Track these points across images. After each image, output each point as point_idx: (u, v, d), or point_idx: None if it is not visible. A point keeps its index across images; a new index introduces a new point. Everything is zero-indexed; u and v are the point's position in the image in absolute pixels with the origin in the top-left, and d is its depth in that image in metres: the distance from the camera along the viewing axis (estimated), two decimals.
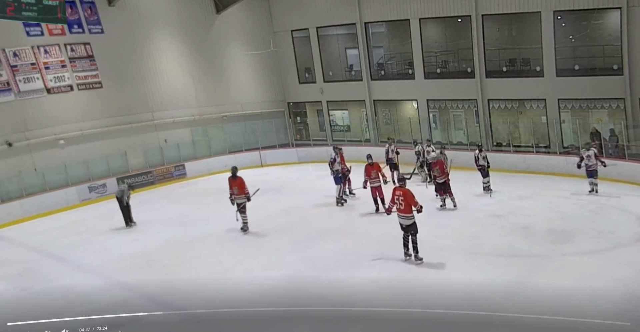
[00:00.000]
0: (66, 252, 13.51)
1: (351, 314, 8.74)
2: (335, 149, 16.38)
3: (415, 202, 10.36)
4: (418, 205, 10.39)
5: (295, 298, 9.43)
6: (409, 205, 10.36)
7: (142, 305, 9.70)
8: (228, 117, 23.89)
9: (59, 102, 19.39)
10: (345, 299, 9.21)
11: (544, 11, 18.38)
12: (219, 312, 9.14)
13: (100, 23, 20.28)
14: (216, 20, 23.69)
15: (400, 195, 10.41)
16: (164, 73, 22.33)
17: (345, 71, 24.63)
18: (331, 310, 8.88)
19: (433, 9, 20.85)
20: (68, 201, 18.56)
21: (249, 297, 9.47)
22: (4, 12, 13.78)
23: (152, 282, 10.78)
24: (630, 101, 17.46)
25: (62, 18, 15.17)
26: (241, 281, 10.28)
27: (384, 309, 8.68)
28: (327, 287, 9.74)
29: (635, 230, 11.53)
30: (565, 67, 18.73)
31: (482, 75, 20.28)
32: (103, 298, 10.08)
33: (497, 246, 11.21)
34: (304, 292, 9.67)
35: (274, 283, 10.06)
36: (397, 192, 10.48)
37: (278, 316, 8.86)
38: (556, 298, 8.41)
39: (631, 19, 16.82)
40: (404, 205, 10.36)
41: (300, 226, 13.84)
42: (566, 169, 17.23)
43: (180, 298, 9.81)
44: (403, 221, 10.53)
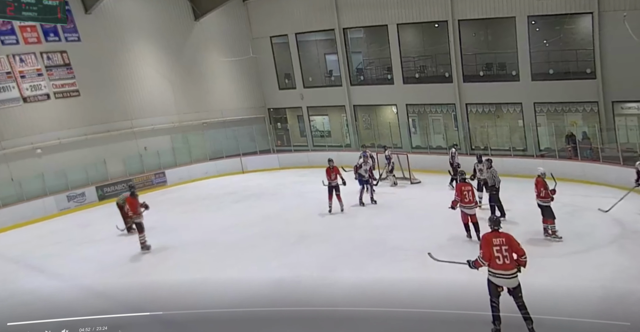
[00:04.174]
0: (45, 262, 13.33)
1: (334, 315, 8.75)
2: (363, 155, 16.73)
3: (521, 250, 7.37)
4: (524, 253, 7.35)
5: (277, 303, 9.43)
6: (513, 254, 7.29)
7: (124, 313, 9.62)
8: (208, 124, 23.84)
9: (36, 111, 19.16)
10: (328, 303, 9.23)
11: (518, 16, 18.74)
12: (200, 321, 9.12)
13: (77, 31, 20.10)
14: (195, 27, 23.65)
15: (502, 242, 7.32)
16: (143, 80, 22.21)
17: (325, 77, 24.75)
18: (314, 312, 8.91)
19: (410, 15, 21.09)
20: (46, 211, 18.30)
21: (231, 305, 9.45)
22: (4, 12, 13.74)
23: (133, 290, 10.70)
24: (603, 104, 17.86)
25: (62, 18, 15.15)
26: (223, 289, 10.23)
27: (367, 308, 8.74)
28: (310, 292, 9.76)
29: (611, 232, 11.77)
30: (540, 71, 19.09)
31: (460, 80, 20.56)
32: (84, 307, 9.94)
33: (477, 249, 11.31)
34: (287, 298, 9.68)
35: (257, 290, 10.04)
36: (495, 240, 7.34)
37: (260, 319, 8.89)
38: (535, 298, 8.53)
39: (603, 24, 17.20)
40: (509, 256, 7.26)
41: (282, 232, 13.83)
42: None
43: (161, 306, 9.74)
44: (506, 280, 7.26)
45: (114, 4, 21.09)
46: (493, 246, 7.23)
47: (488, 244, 7.27)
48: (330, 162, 15.33)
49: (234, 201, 18.23)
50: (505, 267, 7.16)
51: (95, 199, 19.57)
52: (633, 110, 17.88)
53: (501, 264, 7.16)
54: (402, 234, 12.70)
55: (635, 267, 9.71)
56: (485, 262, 7.27)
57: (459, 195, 11.76)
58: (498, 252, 7.19)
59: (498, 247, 7.21)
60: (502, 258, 7.16)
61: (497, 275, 7.21)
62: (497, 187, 12.99)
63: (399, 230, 13.04)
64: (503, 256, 7.17)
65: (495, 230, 7.45)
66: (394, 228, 13.26)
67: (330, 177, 15.14)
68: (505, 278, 7.18)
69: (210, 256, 12.62)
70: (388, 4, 21.33)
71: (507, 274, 7.17)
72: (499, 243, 7.23)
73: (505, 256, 7.17)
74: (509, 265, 7.16)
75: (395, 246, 11.86)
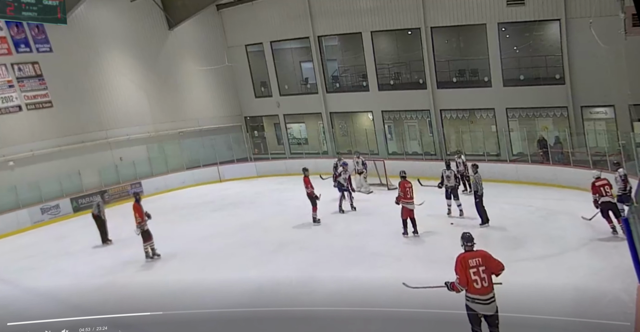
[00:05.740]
0: (18, 276, 13.06)
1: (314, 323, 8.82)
2: (339, 163, 16.66)
3: (499, 264, 6.86)
4: (502, 267, 6.86)
5: (257, 312, 9.43)
6: (492, 275, 6.78)
7: (100, 326, 9.51)
8: (184, 133, 23.72)
9: (7, 122, 18.81)
10: (307, 310, 9.28)
11: (488, 23, 19.13)
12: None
13: (48, 41, 19.84)
14: (169, 36, 23.56)
15: (478, 263, 6.76)
16: (117, 90, 22.02)
17: (301, 84, 24.87)
18: (294, 319, 8.96)
19: (383, 22, 21.36)
20: (19, 224, 17.96)
21: (211, 315, 9.43)
22: (4, 12, 13.62)
23: (109, 303, 10.55)
24: (572, 109, 18.30)
25: (62, 18, 15.03)
26: (203, 298, 10.18)
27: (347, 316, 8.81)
28: (290, 300, 9.78)
29: (583, 235, 12.03)
30: (511, 77, 19.50)
31: (434, 86, 20.87)
32: (59, 322, 9.81)
33: (454, 254, 11.47)
34: (266, 306, 9.66)
35: (237, 298, 10.00)
36: (471, 262, 6.77)
37: (240, 329, 8.94)
38: (510, 300, 8.70)
39: (570, 30, 17.68)
40: (487, 278, 6.74)
41: (261, 240, 13.83)
42: (516, 177, 17.89)
43: (137, 319, 9.66)
44: (482, 306, 6.76)
45: (87, 14, 20.88)
46: (469, 268, 6.69)
47: (464, 267, 6.71)
48: (306, 171, 15.11)
49: (212, 210, 18.16)
50: (483, 290, 6.66)
51: (70, 211, 19.28)
52: (601, 115, 18.37)
53: (479, 288, 6.65)
54: (380, 240, 12.83)
55: (608, 269, 9.93)
56: (462, 287, 6.76)
57: (402, 191, 12.55)
58: (475, 274, 6.67)
59: (475, 269, 6.68)
60: (479, 281, 6.65)
61: (476, 301, 6.71)
62: (480, 194, 13.09)
63: (377, 236, 13.16)
64: (481, 278, 6.66)
65: (470, 249, 6.90)
66: (372, 235, 13.37)
67: (309, 186, 14.84)
68: (483, 303, 6.69)
69: (189, 265, 12.55)
70: (362, 12, 21.58)
71: (485, 299, 6.68)
72: (475, 264, 6.70)
73: (483, 279, 6.66)
74: (487, 288, 6.68)
75: (374, 253, 11.98)
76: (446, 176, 14.37)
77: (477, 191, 13.11)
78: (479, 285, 6.65)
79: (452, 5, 19.58)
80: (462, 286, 6.74)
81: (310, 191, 14.71)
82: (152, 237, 13.14)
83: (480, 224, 13.08)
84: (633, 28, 13.31)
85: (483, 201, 13.12)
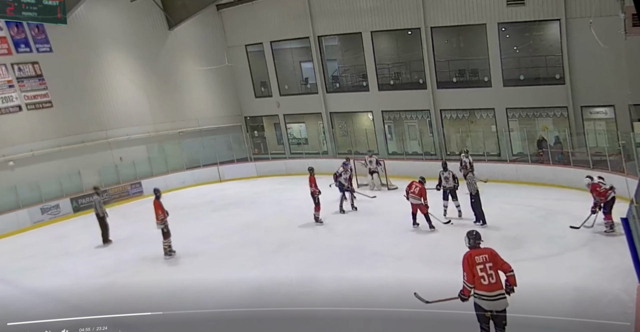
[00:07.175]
0: (18, 276, 13.06)
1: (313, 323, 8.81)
2: (344, 164, 16.48)
3: (507, 265, 6.78)
4: (510, 268, 6.75)
5: (257, 312, 9.44)
6: (498, 272, 6.70)
7: (100, 326, 9.52)
8: (185, 133, 23.72)
9: (7, 122, 18.81)
10: (307, 310, 9.29)
11: (489, 23, 19.13)
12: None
13: (48, 41, 19.84)
14: (169, 36, 23.56)
15: (485, 259, 6.70)
16: (117, 90, 22.02)
17: (301, 84, 24.88)
18: (292, 321, 8.95)
19: (383, 22, 21.36)
20: (19, 224, 17.95)
21: (211, 315, 9.44)
22: (4, 12, 13.62)
23: (109, 303, 10.56)
24: (572, 109, 18.31)
25: (62, 18, 15.02)
26: (203, 298, 10.20)
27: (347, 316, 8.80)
28: (289, 300, 9.79)
29: (583, 235, 12.02)
30: (511, 77, 19.50)
31: (434, 86, 20.87)
32: (59, 322, 9.82)
33: (455, 254, 11.48)
34: (266, 306, 9.66)
35: (236, 299, 10.01)
36: (477, 258, 6.72)
37: (240, 329, 8.93)
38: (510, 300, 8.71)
39: (570, 30, 17.69)
40: (494, 274, 6.67)
41: (261, 240, 13.84)
42: (516, 177, 17.90)
43: (137, 319, 9.66)
44: (491, 302, 6.66)
45: (87, 14, 20.88)
46: (476, 264, 6.64)
47: (471, 264, 6.65)
48: (312, 170, 15.05)
49: (212, 210, 18.17)
50: (491, 287, 6.57)
51: (70, 211, 19.28)
52: (601, 115, 18.38)
53: (486, 285, 6.56)
54: (380, 240, 12.84)
55: (608, 269, 9.94)
56: (470, 286, 6.66)
57: (409, 186, 13.49)
58: (482, 271, 6.60)
59: (482, 266, 6.62)
60: (487, 278, 6.58)
61: (483, 297, 6.60)
62: (474, 194, 13.10)
63: (377, 236, 13.18)
64: (488, 274, 6.59)
65: (477, 246, 6.86)
66: (372, 234, 13.38)
67: (313, 184, 14.78)
68: (489, 300, 6.57)
69: (189, 265, 12.57)
70: (362, 12, 21.58)
71: (492, 295, 6.56)
72: (482, 261, 6.65)
73: (491, 275, 6.58)
74: (495, 285, 6.58)
75: (374, 252, 11.99)
76: (444, 177, 14.29)
77: (471, 191, 13.16)
78: (486, 281, 6.60)
79: (452, 5, 19.59)
80: (469, 283, 6.69)
81: (313, 190, 14.74)
82: (171, 235, 13.15)
83: (474, 221, 13.09)
84: (633, 28, 13.29)
85: (480, 201, 13.12)
